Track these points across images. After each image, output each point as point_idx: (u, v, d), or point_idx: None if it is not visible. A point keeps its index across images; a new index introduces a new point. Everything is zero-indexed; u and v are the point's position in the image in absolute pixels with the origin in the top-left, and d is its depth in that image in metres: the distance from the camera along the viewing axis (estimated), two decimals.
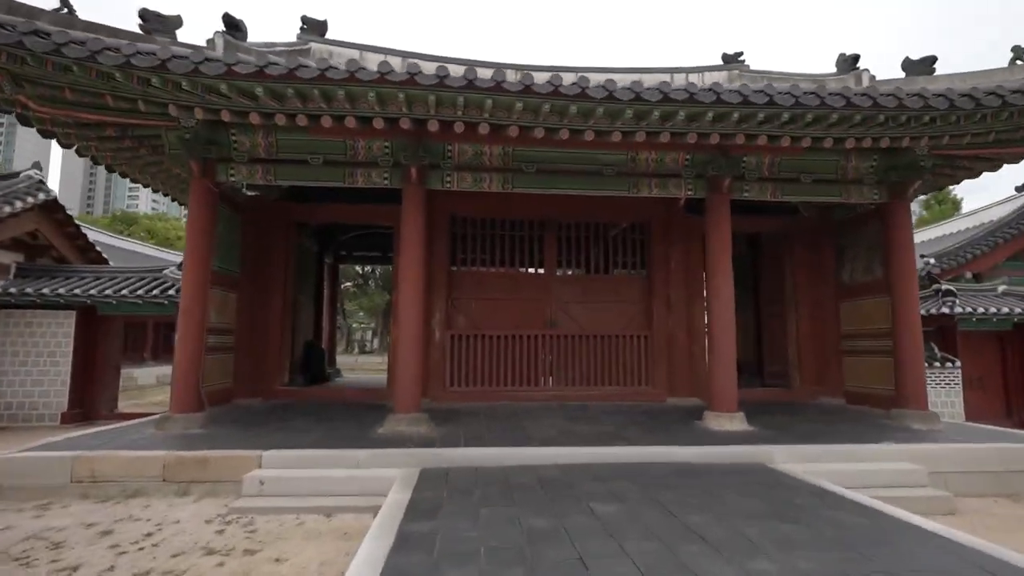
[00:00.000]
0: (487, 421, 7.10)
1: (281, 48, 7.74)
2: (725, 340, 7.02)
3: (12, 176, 11.23)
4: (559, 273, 9.77)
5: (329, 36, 9.63)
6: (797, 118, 6.19)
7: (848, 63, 8.56)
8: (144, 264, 12.72)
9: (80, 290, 10.05)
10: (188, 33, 6.23)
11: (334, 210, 9.16)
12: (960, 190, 33.69)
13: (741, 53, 10.61)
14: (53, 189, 11.61)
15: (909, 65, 7.55)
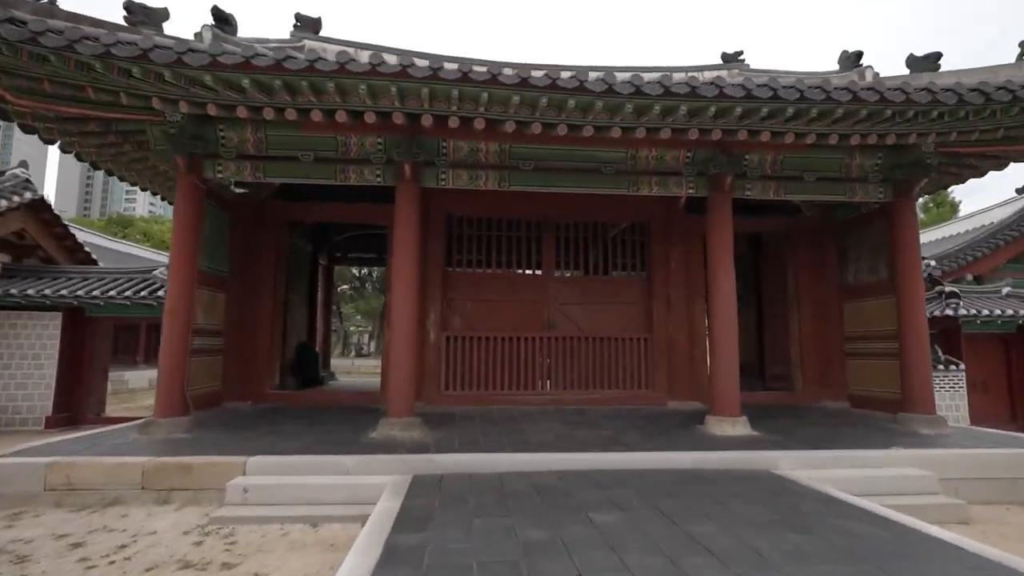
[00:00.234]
0: (483, 425, 6.90)
1: (274, 44, 7.53)
2: (727, 342, 6.82)
3: None
4: (557, 274, 9.57)
5: (323, 34, 9.51)
6: (802, 113, 6.02)
7: (851, 60, 8.42)
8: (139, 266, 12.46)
9: (67, 291, 9.81)
10: (180, 31, 6.07)
11: (327, 209, 8.95)
12: (958, 193, 33.62)
13: (741, 52, 10.47)
14: (42, 190, 11.36)
15: (913, 62, 7.40)
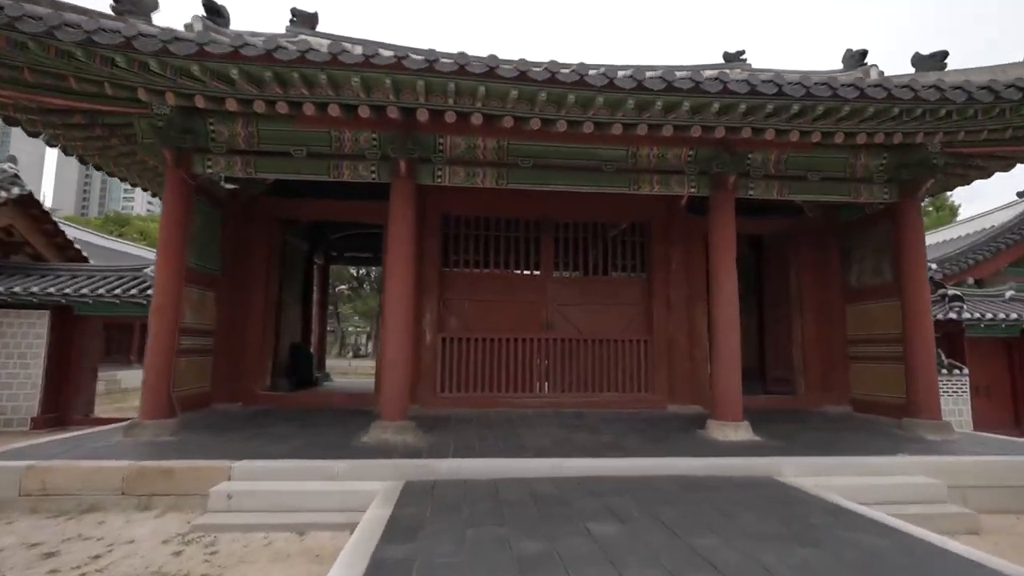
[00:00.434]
0: (478, 429, 6.72)
1: (267, 37, 7.36)
2: (729, 345, 6.64)
3: None
4: (556, 274, 9.39)
5: (320, 30, 9.34)
6: (807, 110, 5.86)
7: (855, 58, 8.28)
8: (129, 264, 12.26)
9: (55, 289, 9.61)
10: (172, 25, 5.89)
11: (321, 206, 8.76)
12: (958, 196, 33.57)
13: (743, 52, 10.34)
14: (40, 189, 11.17)
15: (920, 60, 7.25)
